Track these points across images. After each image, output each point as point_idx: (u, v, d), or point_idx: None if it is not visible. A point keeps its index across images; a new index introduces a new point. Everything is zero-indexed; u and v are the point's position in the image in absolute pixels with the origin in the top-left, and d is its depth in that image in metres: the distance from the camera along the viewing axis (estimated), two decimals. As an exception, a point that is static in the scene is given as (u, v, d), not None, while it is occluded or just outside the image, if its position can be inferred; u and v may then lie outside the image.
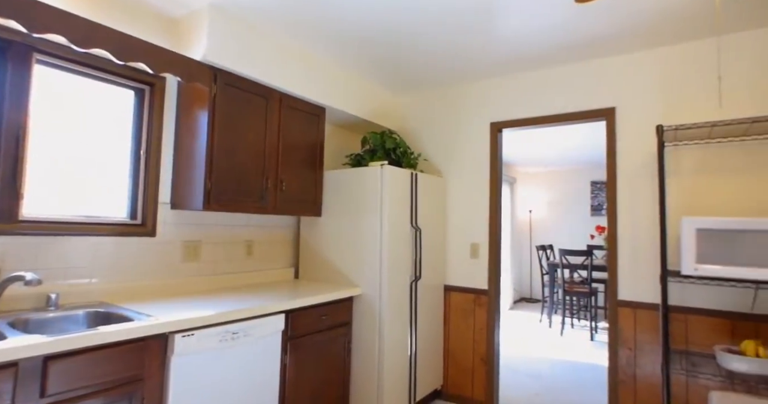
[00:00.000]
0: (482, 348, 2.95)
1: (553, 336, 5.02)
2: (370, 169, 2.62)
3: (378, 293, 2.52)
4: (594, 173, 6.88)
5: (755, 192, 2.18)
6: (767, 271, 1.80)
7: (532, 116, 2.88)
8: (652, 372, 2.38)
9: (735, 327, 2.17)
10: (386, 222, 2.53)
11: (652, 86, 2.49)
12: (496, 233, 2.98)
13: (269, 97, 2.40)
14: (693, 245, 1.93)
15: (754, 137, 2.18)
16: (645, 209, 2.47)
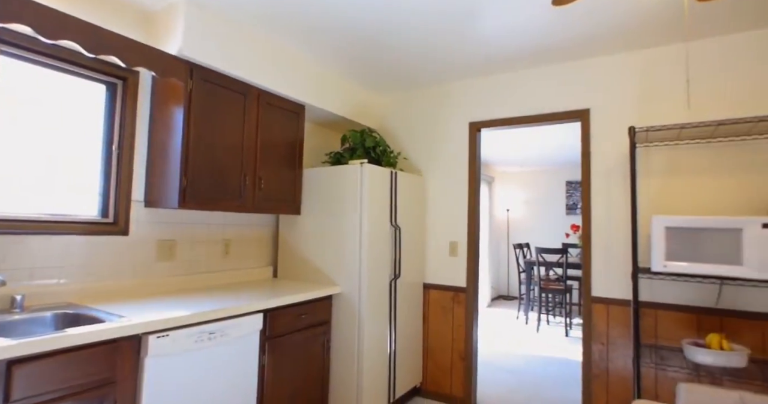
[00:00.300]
0: (460, 345, 2.99)
1: (530, 332, 5.11)
2: (350, 167, 2.61)
3: (357, 291, 2.52)
4: (569, 173, 7.04)
5: (721, 192, 2.27)
6: (730, 268, 1.88)
7: (510, 117, 2.93)
8: (623, 365, 2.45)
9: (701, 321, 2.26)
10: (366, 221, 2.53)
11: (625, 89, 2.56)
12: (474, 231, 3.01)
13: (247, 93, 2.36)
14: (662, 243, 2.00)
15: (720, 140, 2.27)
16: (618, 208, 2.54)
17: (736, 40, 2.28)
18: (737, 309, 2.19)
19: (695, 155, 2.34)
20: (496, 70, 2.90)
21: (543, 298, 5.53)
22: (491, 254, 7.11)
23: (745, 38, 2.26)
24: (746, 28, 2.21)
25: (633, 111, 2.52)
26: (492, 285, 7.14)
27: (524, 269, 5.75)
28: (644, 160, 2.46)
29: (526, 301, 5.63)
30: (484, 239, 6.82)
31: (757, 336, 2.14)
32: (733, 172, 2.24)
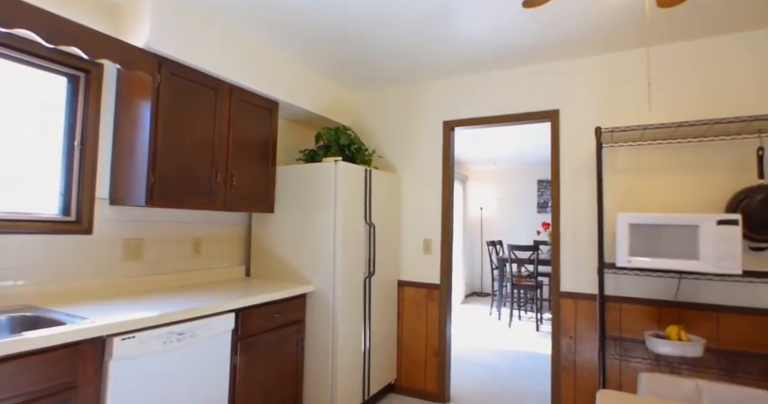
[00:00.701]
0: (434, 342, 3.02)
1: (502, 327, 5.22)
2: (324, 165, 2.60)
3: (332, 289, 2.51)
4: (540, 172, 7.21)
5: (681, 190, 2.37)
6: (688, 262, 1.97)
7: (483, 116, 2.97)
8: (590, 357, 2.54)
9: (661, 314, 2.36)
10: (340, 218, 2.52)
11: (591, 91, 2.64)
12: (448, 229, 3.05)
13: (218, 88, 2.31)
14: (626, 239, 2.08)
15: (680, 141, 2.38)
16: (585, 206, 2.62)
17: (694, 46, 2.39)
18: (694, 301, 2.30)
19: (657, 155, 2.44)
20: (470, 70, 2.94)
21: (515, 294, 5.65)
22: (465, 252, 7.21)
23: (703, 44, 2.37)
24: (704, 34, 2.31)
25: (599, 112, 2.61)
26: (466, 282, 7.24)
27: (497, 266, 5.86)
28: (610, 159, 2.54)
29: (499, 297, 5.74)
30: (459, 236, 6.91)
31: (712, 327, 2.25)
32: (692, 171, 2.35)
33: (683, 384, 1.53)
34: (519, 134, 4.96)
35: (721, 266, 1.88)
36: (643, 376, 1.56)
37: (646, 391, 1.55)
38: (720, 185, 2.28)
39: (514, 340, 4.66)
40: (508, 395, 3.14)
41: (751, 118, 1.96)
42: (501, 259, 5.66)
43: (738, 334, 2.20)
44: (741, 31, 2.28)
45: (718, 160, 2.30)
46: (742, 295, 2.21)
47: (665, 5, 1.59)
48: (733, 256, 1.86)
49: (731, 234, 1.87)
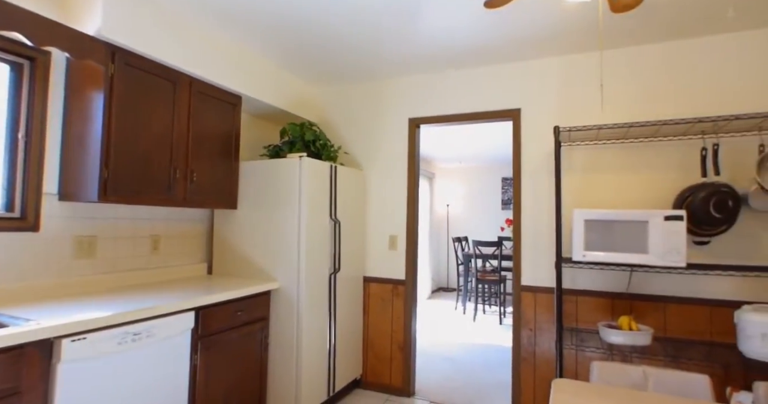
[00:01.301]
0: (400, 336, 3.05)
1: (467, 321, 5.33)
2: (289, 161, 2.56)
3: (296, 286, 2.49)
4: (505, 170, 7.39)
5: (633, 188, 2.49)
6: (638, 256, 2.07)
7: (447, 114, 3.02)
8: (548, 348, 2.63)
9: (614, 305, 2.48)
10: (305, 215, 2.50)
11: (551, 91, 2.72)
12: (413, 225, 3.08)
13: (177, 81, 2.24)
14: (582, 235, 2.17)
15: (631, 140, 2.49)
16: (545, 202, 2.71)
17: (644, 51, 2.51)
18: (644, 292, 2.43)
19: (612, 154, 2.55)
20: (435, 68, 2.97)
21: (480, 289, 5.78)
22: (432, 248, 7.30)
23: (652, 49, 2.49)
24: (653, 40, 2.43)
25: (558, 112, 2.70)
26: (432, 278, 7.34)
27: (462, 261, 5.97)
28: (568, 158, 2.64)
29: (464, 292, 5.85)
30: (425, 233, 6.99)
31: (659, 317, 2.39)
32: (643, 170, 2.47)
33: (631, 370, 1.62)
34: (484, 133, 5.06)
35: (668, 259, 1.99)
36: (595, 365, 1.63)
37: (597, 379, 1.62)
38: (668, 183, 2.41)
39: (478, 333, 4.78)
40: (471, 386, 3.22)
41: (695, 120, 2.08)
42: (466, 255, 5.78)
43: (683, 323, 2.34)
44: (686, 39, 2.41)
45: (667, 159, 2.43)
46: (687, 287, 2.35)
47: (618, 11, 1.66)
48: (678, 250, 1.98)
49: (677, 229, 1.98)
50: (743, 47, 2.32)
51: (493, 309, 6.05)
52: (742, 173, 2.23)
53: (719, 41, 2.36)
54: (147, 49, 2.05)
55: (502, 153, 6.41)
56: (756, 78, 2.29)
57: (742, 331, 1.96)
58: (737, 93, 2.32)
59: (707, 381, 1.53)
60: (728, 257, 2.28)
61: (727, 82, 2.34)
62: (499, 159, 6.97)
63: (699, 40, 2.40)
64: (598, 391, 1.39)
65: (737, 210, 2.08)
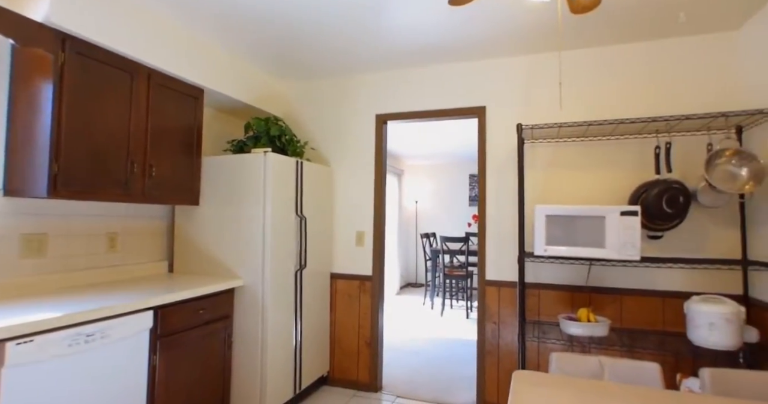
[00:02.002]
0: (367, 332, 3.06)
1: (435, 316, 5.40)
2: (253, 156, 2.51)
3: (261, 283, 2.45)
4: (472, 167, 7.51)
5: (592, 184, 2.58)
6: (596, 250, 2.15)
7: (414, 110, 3.03)
8: (511, 341, 2.70)
9: (574, 298, 2.57)
10: (269, 211, 2.46)
11: (515, 89, 2.78)
12: (380, 221, 3.08)
13: (135, 72, 2.14)
14: (543, 230, 2.23)
15: (590, 138, 2.58)
16: (509, 199, 2.76)
17: (604, 52, 2.60)
18: (602, 285, 2.53)
19: (572, 151, 2.63)
20: (402, 64, 2.98)
21: (447, 284, 5.87)
22: (400, 244, 7.35)
23: (610, 51, 2.58)
24: (611, 42, 2.52)
25: (522, 109, 2.76)
26: (401, 274, 7.39)
27: (430, 257, 6.04)
28: (531, 155, 2.70)
29: (432, 287, 5.92)
30: (394, 229, 7.03)
31: (616, 308, 2.49)
32: (602, 167, 2.57)
33: (588, 361, 1.68)
34: (453, 130, 5.12)
35: (624, 253, 2.08)
36: (553, 356, 1.68)
37: (556, 369, 1.68)
38: (625, 180, 2.51)
39: (445, 328, 4.85)
40: (437, 380, 3.26)
41: (649, 119, 2.18)
42: (434, 250, 5.84)
43: (637, 314, 2.46)
44: (642, 41, 2.51)
45: (624, 157, 2.53)
46: (641, 279, 2.46)
47: (577, 12, 1.71)
48: (633, 244, 2.07)
49: (632, 224, 2.07)
50: (694, 51, 2.44)
51: (460, 303, 6.16)
52: (692, 171, 2.35)
53: (673, 44, 2.48)
54: (101, 37, 1.96)
55: (470, 151, 6.51)
56: (706, 80, 2.41)
57: (691, 321, 2.07)
58: (689, 94, 2.44)
59: (658, 368, 1.61)
60: (679, 251, 2.41)
61: (679, 83, 2.46)
62: (467, 156, 7.07)
63: (654, 43, 2.51)
64: (556, 381, 1.44)
65: (688, 206, 2.20)
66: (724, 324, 1.98)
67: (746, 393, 1.47)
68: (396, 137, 5.55)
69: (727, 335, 1.97)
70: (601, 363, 1.69)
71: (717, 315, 1.98)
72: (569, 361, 1.69)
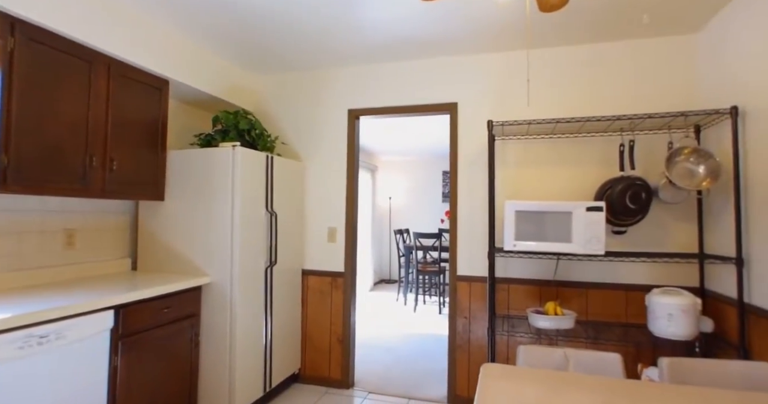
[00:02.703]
0: (339, 329, 3.04)
1: (408, 312, 5.43)
2: (221, 150, 2.44)
3: (229, 281, 2.39)
4: (445, 164, 7.57)
5: (560, 180, 2.64)
6: (565, 245, 2.20)
7: (387, 106, 3.02)
8: (482, 335, 2.74)
9: (542, 292, 2.63)
10: (238, 206, 2.40)
11: (486, 86, 2.81)
12: (352, 217, 3.06)
13: (94, 61, 2.04)
14: (512, 225, 2.26)
15: (558, 136, 2.64)
16: (480, 195, 2.79)
17: (572, 51, 2.65)
18: (569, 279, 2.59)
19: (541, 148, 2.68)
20: (375, 59, 2.95)
21: (420, 280, 5.91)
22: (374, 241, 7.35)
23: (579, 50, 2.64)
24: (579, 41, 2.58)
25: (493, 106, 2.79)
26: (375, 270, 7.40)
27: (404, 253, 6.06)
28: (501, 151, 2.74)
29: (405, 283, 5.95)
30: (367, 225, 7.01)
31: (582, 301, 2.56)
32: (569, 163, 2.63)
33: (554, 353, 1.72)
34: (426, 126, 5.14)
35: (589, 247, 2.14)
36: (521, 349, 1.71)
37: (523, 362, 1.71)
38: (591, 176, 2.58)
39: (418, 323, 4.88)
40: (409, 375, 3.28)
41: (614, 117, 2.24)
42: (408, 247, 5.87)
43: (602, 307, 2.53)
44: (609, 41, 2.58)
45: (590, 154, 2.59)
46: (606, 273, 2.54)
47: (545, 10, 1.73)
48: (598, 238, 2.12)
49: (597, 219, 2.13)
50: (657, 52, 2.52)
51: (433, 299, 6.21)
52: (653, 168, 2.44)
53: (637, 45, 2.55)
54: (56, 23, 1.85)
55: (443, 147, 6.56)
56: (668, 81, 2.50)
57: (652, 312, 2.15)
58: (652, 94, 2.52)
59: (619, 359, 1.66)
60: (642, 245, 2.49)
61: (643, 84, 2.54)
62: (440, 153, 7.12)
63: (619, 44, 2.58)
64: (522, 373, 1.46)
65: (650, 202, 2.27)
66: (682, 315, 2.06)
67: (702, 380, 1.54)
68: (371, 133, 5.53)
69: (684, 325, 2.06)
70: (566, 354, 1.73)
71: (675, 307, 2.06)
72: (536, 354, 1.72)
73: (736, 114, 2.06)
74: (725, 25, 2.18)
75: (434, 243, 5.43)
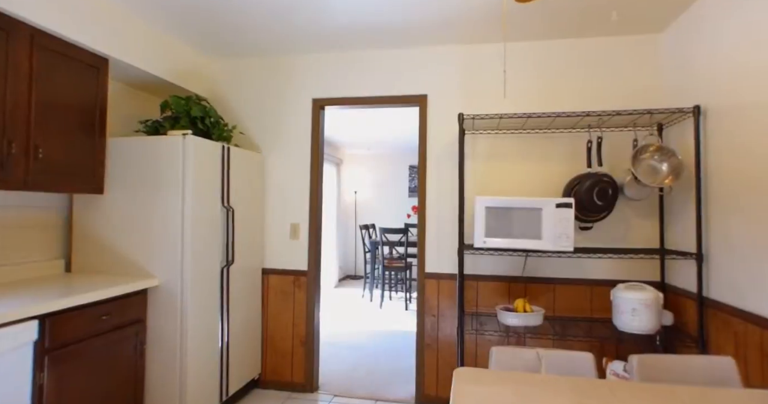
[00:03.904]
0: (302, 330, 2.88)
1: (374, 309, 5.33)
2: (170, 138, 2.22)
3: (180, 283, 2.18)
4: (412, 158, 7.50)
5: (531, 176, 2.59)
6: (535, 241, 2.15)
7: (354, 96, 2.87)
8: (450, 333, 2.67)
9: (511, 288, 2.58)
10: (190, 201, 2.19)
11: (458, 78, 2.72)
12: (316, 213, 2.90)
13: (11, 31, 1.77)
14: (482, 221, 2.19)
15: (529, 131, 2.59)
16: (448, 190, 2.71)
17: (545, 46, 2.60)
18: (537, 275, 2.56)
19: (511, 143, 2.62)
20: (343, 46, 2.79)
21: (386, 276, 5.82)
22: (339, 236, 7.19)
23: (552, 45, 2.60)
24: (552, 36, 2.53)
25: (463, 100, 2.70)
26: (340, 266, 7.25)
27: (369, 249, 5.95)
28: (471, 146, 2.66)
29: (371, 279, 5.85)
30: (332, 220, 6.84)
31: (550, 298, 2.54)
32: (539, 159, 2.58)
33: (526, 353, 1.66)
34: (394, 119, 5.02)
35: (559, 244, 2.09)
36: (493, 350, 1.64)
37: (496, 364, 1.64)
38: (559, 172, 2.55)
39: (384, 320, 4.79)
40: (376, 375, 3.18)
41: (583, 113, 2.20)
42: (373, 242, 5.76)
43: (569, 302, 2.52)
44: (579, 38, 2.54)
45: (559, 150, 2.56)
46: (573, 269, 2.52)
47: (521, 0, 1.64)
48: (567, 235, 2.08)
49: (566, 216, 2.09)
50: (624, 50, 2.51)
51: (399, 295, 6.15)
52: (619, 165, 2.43)
53: (605, 43, 2.53)
54: (-35, -15, 1.58)
55: (410, 141, 6.48)
56: (633, 79, 2.50)
57: (617, 307, 2.14)
58: (619, 92, 2.51)
59: (591, 358, 1.62)
60: (607, 241, 2.49)
61: (610, 81, 2.52)
62: (407, 147, 7.04)
63: (589, 41, 2.55)
64: (496, 377, 1.39)
65: (616, 198, 2.26)
66: (645, 310, 2.06)
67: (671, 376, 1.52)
68: (336, 125, 5.35)
69: (647, 319, 2.06)
70: (539, 355, 1.67)
71: (638, 301, 2.06)
72: (508, 355, 1.65)
73: (699, 113, 2.07)
74: (688, 25, 2.19)
75: (400, 239, 5.35)
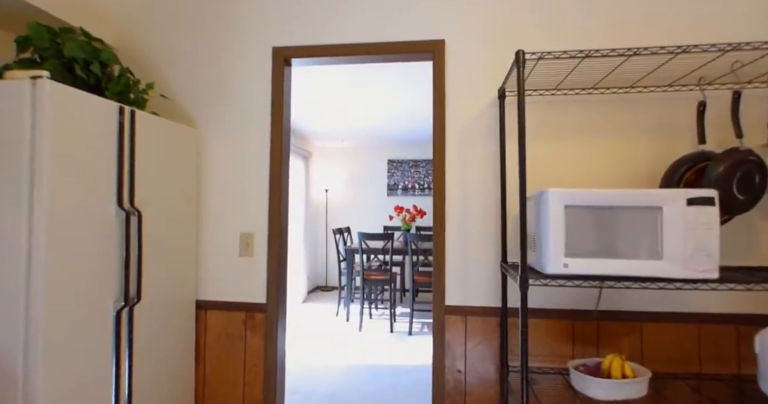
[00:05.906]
0: (257, 391, 1.92)
1: (352, 331, 4.40)
2: (5, 83, 1.22)
3: (22, 345, 1.19)
4: (391, 151, 6.60)
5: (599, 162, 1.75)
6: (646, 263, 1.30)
7: (334, 43, 1.94)
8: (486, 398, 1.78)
9: (576, 329, 1.73)
10: (45, 200, 1.20)
11: (495, 13, 1.84)
12: (279, 217, 1.95)
13: None
14: (562, 230, 1.31)
15: (602, 91, 1.73)
16: (479, 183, 1.82)
17: (619, -35, 1.76)
18: (614, 308, 1.72)
19: (572, 112, 1.77)
20: (314, -36, 1.86)
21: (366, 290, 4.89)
22: (308, 241, 6.19)
23: (628, -37, 1.76)
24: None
25: (496, 45, 1.83)
26: (308, 276, 6.25)
27: (345, 257, 5.01)
28: (509, 118, 1.79)
29: (347, 293, 4.90)
30: (300, 223, 5.85)
31: (634, 342, 1.70)
32: (613, 136, 1.75)
33: None
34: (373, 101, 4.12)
35: (693, 267, 1.24)
36: None
37: None
38: (647, 155, 1.72)
39: (365, 348, 3.86)
40: (365, 446, 2.26)
41: (719, 48, 1.36)
42: (349, 249, 4.82)
43: (663, 349, 1.68)
44: (671, -48, 1.72)
45: (645, 121, 1.73)
46: (668, 299, 1.69)
47: None
48: (708, 252, 1.24)
49: (707, 219, 1.24)
50: (738, -29, 1.71)
51: (380, 311, 5.23)
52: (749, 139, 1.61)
53: (709, -39, 1.72)
54: None
55: (390, 131, 5.59)
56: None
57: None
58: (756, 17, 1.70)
59: None
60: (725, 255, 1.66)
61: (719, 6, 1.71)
62: (386, 138, 6.14)
63: (685, -43, 1.73)
64: None
65: (764, 189, 1.44)
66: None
67: None
68: (304, 109, 4.38)
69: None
70: None
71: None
72: None
73: None
74: None
75: (384, 245, 4.42)
